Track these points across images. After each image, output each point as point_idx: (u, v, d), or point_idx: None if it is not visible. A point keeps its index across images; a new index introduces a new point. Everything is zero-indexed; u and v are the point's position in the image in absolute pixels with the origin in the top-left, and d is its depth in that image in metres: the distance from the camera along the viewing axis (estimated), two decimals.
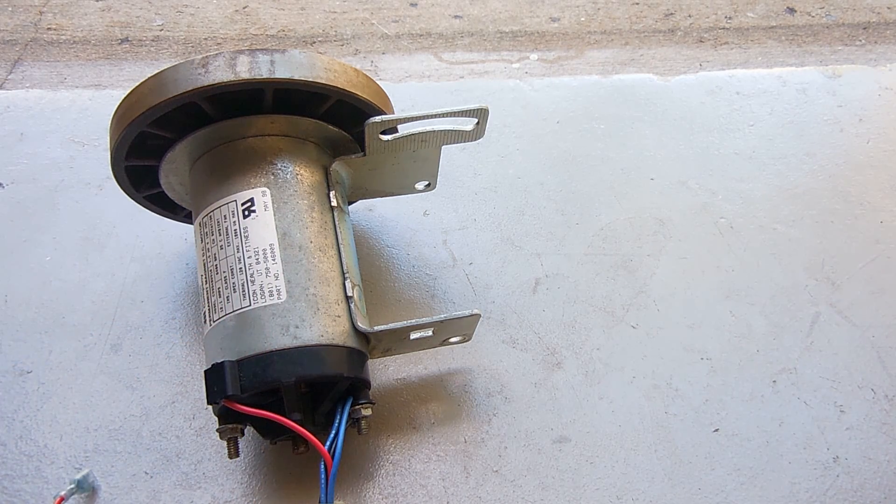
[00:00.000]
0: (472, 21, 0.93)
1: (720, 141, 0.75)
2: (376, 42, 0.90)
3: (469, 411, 0.56)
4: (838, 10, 0.97)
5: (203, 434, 0.54)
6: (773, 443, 0.55)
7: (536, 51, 0.89)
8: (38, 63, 0.84)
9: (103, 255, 0.64)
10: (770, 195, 0.71)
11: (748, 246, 0.67)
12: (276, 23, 0.91)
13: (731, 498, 0.53)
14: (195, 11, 0.92)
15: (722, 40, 0.92)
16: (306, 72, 0.47)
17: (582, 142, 0.75)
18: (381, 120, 0.51)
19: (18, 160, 0.70)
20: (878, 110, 0.79)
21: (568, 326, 0.61)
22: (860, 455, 0.55)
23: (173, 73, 0.46)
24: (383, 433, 0.55)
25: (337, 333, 0.46)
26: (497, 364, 0.59)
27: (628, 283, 0.64)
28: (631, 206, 0.69)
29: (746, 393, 0.58)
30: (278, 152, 0.50)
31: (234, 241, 0.47)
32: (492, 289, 0.63)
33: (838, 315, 0.63)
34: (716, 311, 0.63)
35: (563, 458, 0.54)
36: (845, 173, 0.73)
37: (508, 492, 0.52)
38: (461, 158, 0.72)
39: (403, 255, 0.65)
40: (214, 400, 0.43)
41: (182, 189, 0.55)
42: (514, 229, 0.67)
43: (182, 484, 0.52)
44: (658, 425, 0.56)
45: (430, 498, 0.52)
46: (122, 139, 0.48)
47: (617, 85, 0.81)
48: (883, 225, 0.69)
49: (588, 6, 0.96)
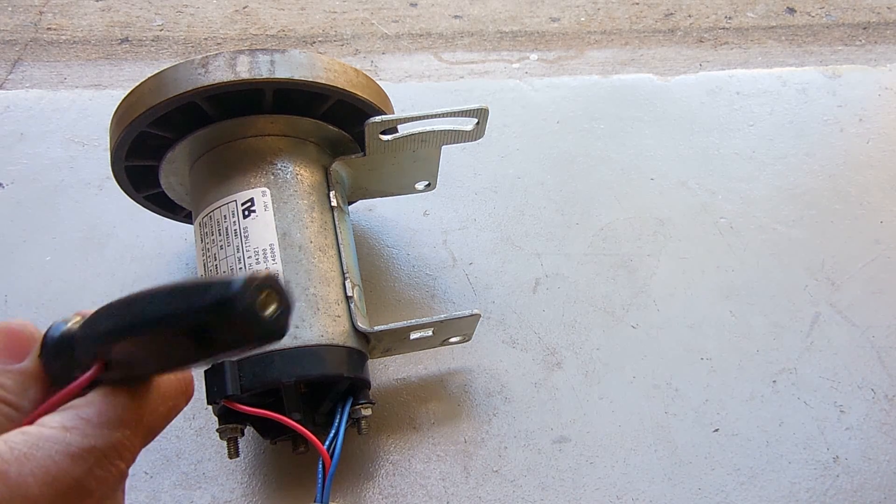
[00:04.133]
0: (472, 21, 0.93)
1: (720, 141, 0.75)
2: (376, 42, 0.90)
3: (469, 411, 0.56)
4: (838, 10, 0.97)
5: (203, 434, 0.54)
6: (773, 443, 0.55)
7: (536, 51, 0.89)
8: (38, 63, 0.84)
9: (103, 255, 0.64)
10: (770, 195, 0.71)
11: (748, 246, 0.67)
12: (276, 23, 0.91)
13: (731, 498, 0.53)
14: (195, 11, 0.92)
15: (722, 40, 0.92)
16: (306, 72, 0.47)
17: (582, 142, 0.75)
18: (381, 120, 0.51)
19: (18, 160, 0.70)
20: (878, 110, 0.79)
21: (568, 326, 0.61)
22: (860, 455, 0.55)
23: (173, 73, 0.46)
24: (383, 433, 0.55)
25: (337, 333, 0.46)
26: (497, 364, 0.59)
27: (628, 283, 0.64)
28: (631, 206, 0.69)
29: (746, 393, 0.58)
30: (278, 152, 0.50)
31: (234, 241, 0.47)
32: (492, 289, 0.63)
33: (838, 315, 0.63)
34: (716, 311, 0.63)
35: (563, 458, 0.54)
36: (845, 173, 0.73)
37: (508, 492, 0.52)
38: (461, 158, 0.72)
39: (403, 255, 0.65)
40: (214, 400, 0.43)
41: (182, 189, 0.55)
42: (514, 229, 0.67)
43: (182, 484, 0.52)
44: (658, 425, 0.56)
45: (430, 498, 0.52)
46: (122, 139, 0.48)
47: (617, 85, 0.81)
48: (883, 225, 0.69)
49: (588, 6, 0.96)
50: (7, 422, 0.26)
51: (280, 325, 0.23)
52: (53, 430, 0.24)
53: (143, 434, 0.27)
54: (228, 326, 0.23)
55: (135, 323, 0.24)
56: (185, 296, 0.23)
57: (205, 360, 0.24)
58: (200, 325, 0.23)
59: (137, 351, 0.25)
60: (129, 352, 0.25)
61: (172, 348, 0.24)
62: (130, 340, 0.25)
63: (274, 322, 0.23)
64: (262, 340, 0.23)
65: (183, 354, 0.24)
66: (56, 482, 0.23)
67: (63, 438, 0.24)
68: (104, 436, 0.25)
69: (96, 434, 0.25)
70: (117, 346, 0.25)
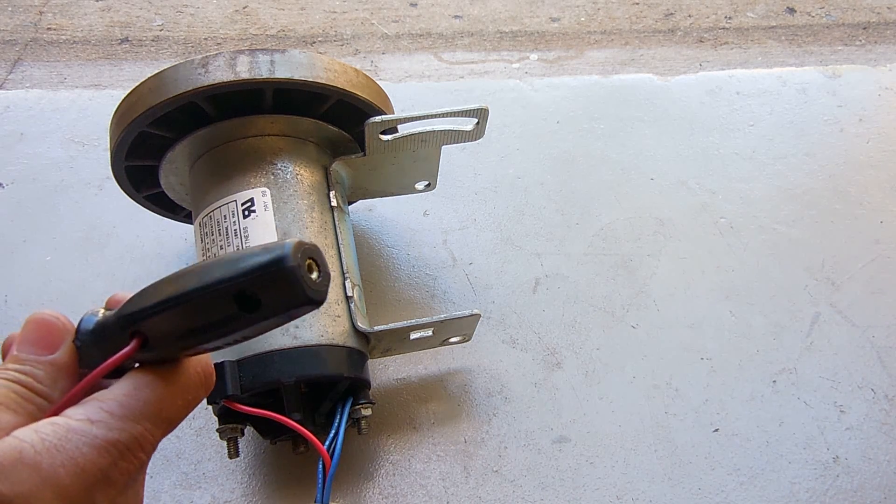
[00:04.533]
0: (472, 21, 0.93)
1: (720, 141, 0.75)
2: (376, 42, 0.90)
3: (469, 411, 0.56)
4: (838, 10, 0.97)
5: (203, 434, 0.54)
6: (773, 443, 0.55)
7: (536, 51, 0.89)
8: (38, 63, 0.84)
9: (103, 255, 0.64)
10: (770, 195, 0.71)
11: (748, 246, 0.67)
12: (276, 23, 0.91)
13: (731, 498, 0.53)
14: (195, 11, 0.92)
15: (722, 40, 0.92)
16: (306, 72, 0.47)
17: (582, 142, 0.75)
18: (381, 120, 0.51)
19: (18, 160, 0.70)
20: (878, 110, 0.79)
21: (568, 326, 0.61)
22: (860, 455, 0.55)
23: (173, 73, 0.46)
24: (383, 433, 0.55)
25: (337, 333, 0.46)
26: (497, 364, 0.59)
27: (628, 283, 0.64)
28: (631, 206, 0.69)
29: (746, 393, 0.58)
30: (278, 152, 0.50)
31: (234, 241, 0.47)
32: (492, 289, 0.63)
33: (838, 315, 0.63)
34: (716, 311, 0.63)
35: (563, 458, 0.54)
36: (845, 173, 0.73)
37: (508, 492, 0.52)
38: (461, 158, 0.72)
39: (403, 255, 0.65)
40: (214, 400, 0.43)
41: (182, 189, 0.55)
42: (514, 229, 0.67)
43: (182, 484, 0.52)
44: (658, 425, 0.56)
45: (430, 498, 0.52)
46: (122, 139, 0.48)
47: (617, 85, 0.81)
48: (883, 225, 0.69)
49: (588, 6, 0.96)
50: (38, 412, 0.27)
51: (322, 290, 0.25)
52: (80, 423, 0.25)
53: (164, 426, 0.28)
54: (277, 287, 0.24)
55: (179, 293, 0.25)
56: (230, 263, 0.25)
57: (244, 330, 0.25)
58: (247, 288, 0.24)
59: (179, 322, 0.26)
60: (169, 324, 0.26)
61: (215, 315, 0.25)
62: (173, 311, 0.26)
63: (318, 286, 0.24)
64: (306, 304, 0.24)
65: (225, 322, 0.25)
66: (84, 473, 0.24)
67: (90, 431, 0.25)
68: (127, 428, 0.26)
69: (120, 427, 0.26)
70: (158, 319, 0.26)
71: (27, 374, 0.27)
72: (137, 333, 0.26)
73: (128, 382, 0.27)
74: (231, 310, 0.25)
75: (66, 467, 0.24)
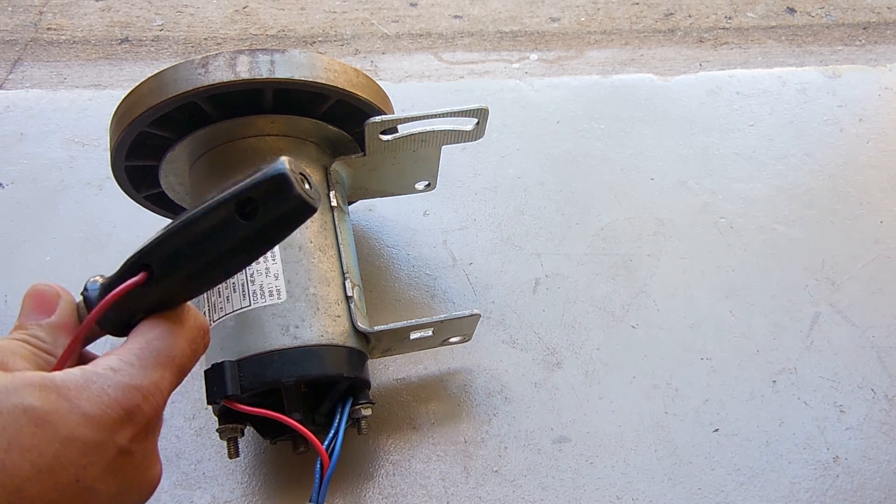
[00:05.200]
0: (472, 21, 0.93)
1: (720, 141, 0.75)
2: (376, 42, 0.90)
3: (469, 411, 0.56)
4: (838, 10, 0.97)
5: (203, 434, 0.54)
6: (773, 443, 0.55)
7: (536, 51, 0.89)
8: (38, 63, 0.84)
9: (103, 255, 0.64)
10: (770, 195, 0.71)
11: (748, 246, 0.67)
12: (276, 23, 0.91)
13: (731, 498, 0.53)
14: (195, 11, 0.92)
15: (722, 40, 0.92)
16: (306, 72, 0.47)
17: (582, 142, 0.75)
18: (381, 120, 0.51)
19: (18, 160, 0.70)
20: (878, 110, 0.79)
21: (568, 326, 0.61)
22: (860, 455, 0.55)
23: (173, 73, 0.46)
24: (383, 433, 0.55)
25: (337, 333, 0.46)
26: (497, 364, 0.59)
27: (628, 283, 0.64)
28: (631, 206, 0.69)
29: (746, 393, 0.58)
30: (278, 152, 0.50)
31: None
32: (492, 289, 0.63)
33: (838, 315, 0.63)
34: (716, 311, 0.63)
35: (563, 458, 0.54)
36: (845, 173, 0.73)
37: (508, 492, 0.52)
38: (461, 158, 0.72)
39: (403, 255, 0.65)
40: (214, 400, 0.43)
41: (182, 189, 0.55)
42: (514, 229, 0.67)
43: (182, 484, 0.52)
44: (658, 425, 0.56)
45: (430, 498, 0.52)
46: (122, 139, 0.48)
47: (617, 85, 0.81)
48: (883, 225, 0.69)
49: (588, 6, 0.96)
50: (48, 366, 0.31)
51: (315, 197, 0.28)
52: (105, 370, 0.29)
53: (177, 372, 0.31)
54: (273, 191, 0.28)
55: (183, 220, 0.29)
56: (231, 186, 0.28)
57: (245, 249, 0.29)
58: (248, 198, 0.28)
59: (185, 244, 0.29)
60: (176, 248, 0.29)
61: (219, 232, 0.29)
62: (180, 234, 0.29)
63: (310, 193, 0.28)
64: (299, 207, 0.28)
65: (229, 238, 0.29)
66: (109, 409, 0.28)
67: (113, 377, 0.29)
68: (146, 375, 0.29)
69: (139, 374, 0.29)
70: (162, 246, 0.30)
71: (31, 335, 0.31)
72: (144, 267, 0.30)
73: (140, 337, 0.31)
74: (234, 223, 0.28)
75: (91, 401, 0.27)
